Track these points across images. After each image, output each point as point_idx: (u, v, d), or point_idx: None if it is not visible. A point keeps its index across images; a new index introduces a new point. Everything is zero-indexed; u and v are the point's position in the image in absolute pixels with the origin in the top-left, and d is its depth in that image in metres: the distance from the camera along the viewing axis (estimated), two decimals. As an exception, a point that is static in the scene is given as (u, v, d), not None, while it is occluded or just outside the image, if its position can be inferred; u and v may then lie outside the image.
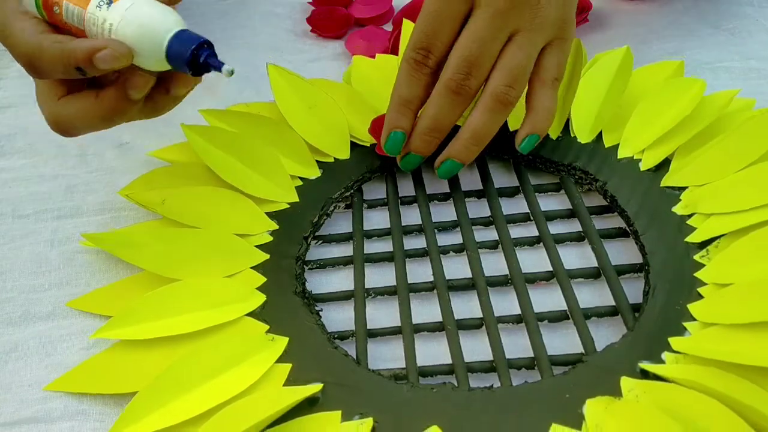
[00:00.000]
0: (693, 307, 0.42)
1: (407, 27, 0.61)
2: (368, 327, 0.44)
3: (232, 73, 0.40)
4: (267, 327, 0.43)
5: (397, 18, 0.66)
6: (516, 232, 0.49)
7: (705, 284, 0.43)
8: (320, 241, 0.50)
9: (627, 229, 0.48)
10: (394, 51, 0.62)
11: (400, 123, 0.49)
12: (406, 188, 0.53)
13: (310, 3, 0.70)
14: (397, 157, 0.51)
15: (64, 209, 0.53)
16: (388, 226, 0.50)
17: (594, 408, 0.38)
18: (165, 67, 0.41)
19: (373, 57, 0.61)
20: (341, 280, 0.48)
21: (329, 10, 0.68)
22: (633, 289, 0.45)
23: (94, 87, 0.44)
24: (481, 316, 0.44)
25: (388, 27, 0.67)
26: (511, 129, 0.54)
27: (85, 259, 0.49)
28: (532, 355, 0.42)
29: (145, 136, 0.56)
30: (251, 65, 0.58)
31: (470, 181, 0.53)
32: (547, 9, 0.48)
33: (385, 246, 0.50)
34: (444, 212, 0.51)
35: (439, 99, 0.48)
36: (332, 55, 0.65)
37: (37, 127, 0.58)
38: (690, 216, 0.47)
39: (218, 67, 0.40)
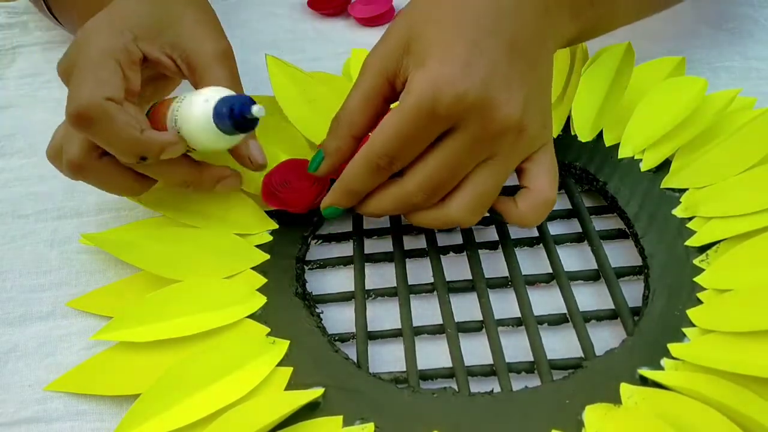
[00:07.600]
0: (692, 313, 0.42)
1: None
2: (369, 329, 0.45)
3: (258, 113, 0.41)
4: (268, 330, 0.43)
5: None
6: (516, 231, 0.49)
7: (704, 289, 0.43)
8: (320, 240, 0.50)
9: (626, 230, 0.48)
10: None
11: (342, 203, 0.46)
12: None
13: (308, 5, 0.70)
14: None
15: (64, 209, 0.53)
16: (388, 224, 0.50)
17: (594, 415, 0.38)
18: (228, 139, 0.43)
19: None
20: (341, 280, 0.48)
21: None
22: (632, 292, 0.45)
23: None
24: (481, 318, 0.44)
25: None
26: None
27: (85, 259, 0.49)
28: (532, 358, 0.42)
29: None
30: (251, 65, 0.57)
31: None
32: (531, 128, 0.42)
33: (385, 245, 0.50)
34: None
35: (389, 202, 0.44)
36: (332, 54, 0.65)
37: (37, 127, 0.59)
38: (690, 219, 0.47)
39: (248, 110, 0.41)
